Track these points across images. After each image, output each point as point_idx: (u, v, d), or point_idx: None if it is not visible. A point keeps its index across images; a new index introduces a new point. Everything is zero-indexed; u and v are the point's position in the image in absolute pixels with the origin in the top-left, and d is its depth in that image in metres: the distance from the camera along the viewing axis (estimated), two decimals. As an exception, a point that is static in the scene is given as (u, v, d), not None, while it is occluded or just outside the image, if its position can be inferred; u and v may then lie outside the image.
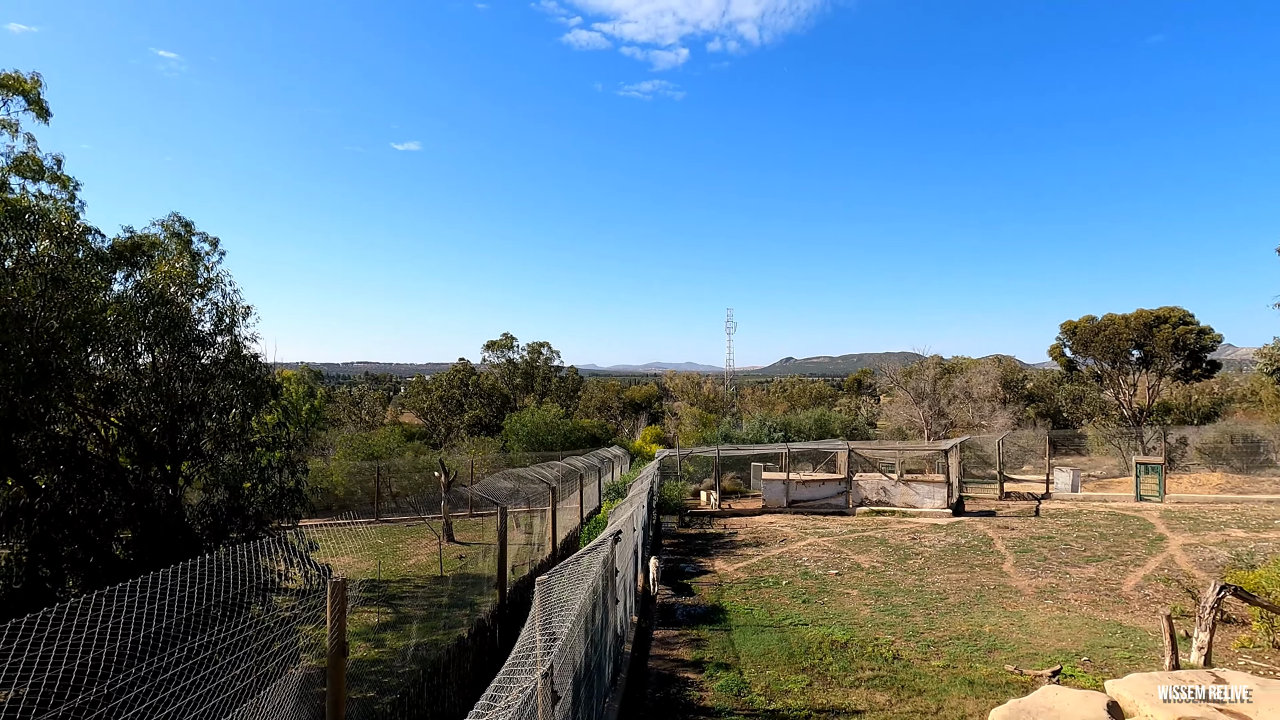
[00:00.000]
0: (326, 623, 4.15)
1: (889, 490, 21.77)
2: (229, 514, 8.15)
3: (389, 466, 26.12)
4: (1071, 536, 16.87)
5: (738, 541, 17.66)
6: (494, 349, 48.50)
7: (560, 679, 4.49)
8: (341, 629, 4.25)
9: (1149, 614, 10.98)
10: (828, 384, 64.39)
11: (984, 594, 12.38)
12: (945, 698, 8.02)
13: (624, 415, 52.26)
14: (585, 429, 34.76)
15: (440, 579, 14.56)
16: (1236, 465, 28.00)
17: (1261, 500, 21.37)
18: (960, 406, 36.23)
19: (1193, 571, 13.30)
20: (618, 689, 8.02)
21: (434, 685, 6.46)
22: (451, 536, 18.58)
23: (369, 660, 9.74)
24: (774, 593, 12.81)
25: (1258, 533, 16.49)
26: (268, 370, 9.02)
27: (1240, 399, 38.90)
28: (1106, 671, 8.59)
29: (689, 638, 10.43)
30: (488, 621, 8.17)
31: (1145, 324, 30.74)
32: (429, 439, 40.01)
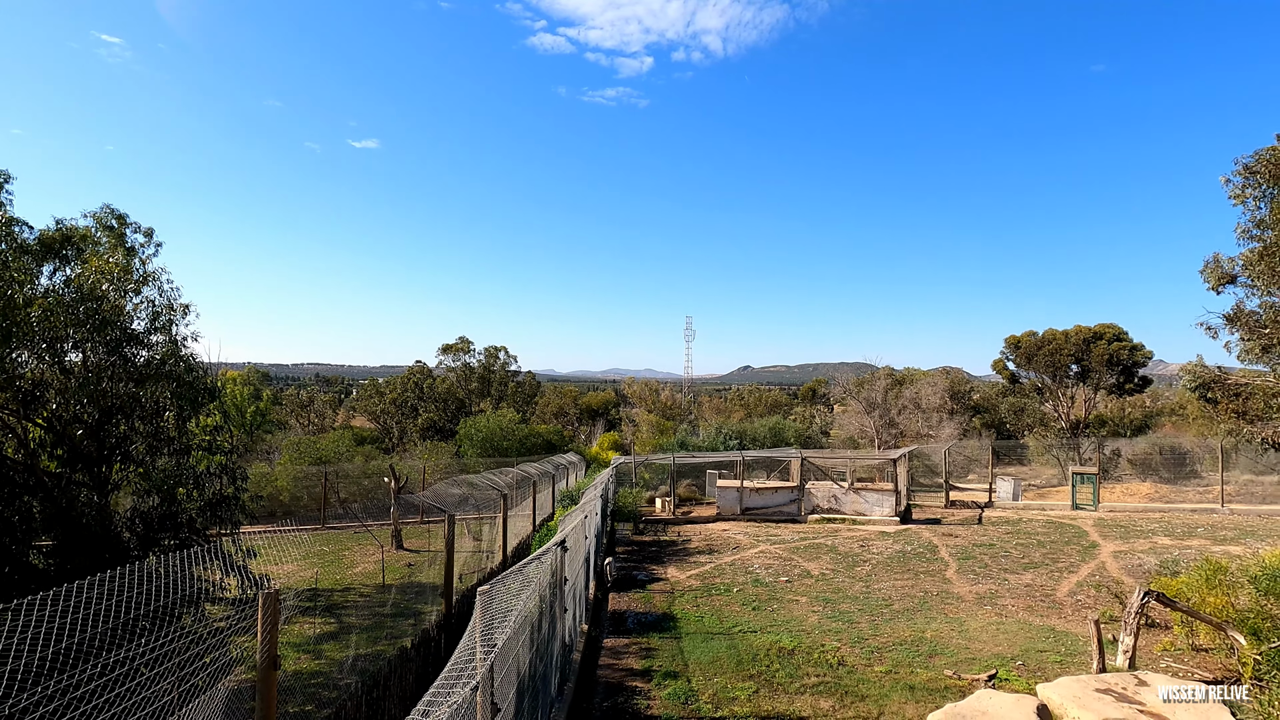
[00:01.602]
0: (257, 635, 4.02)
1: (840, 498, 22.18)
2: (161, 521, 7.82)
3: (337, 471, 25.44)
4: (1011, 544, 17.45)
5: (691, 549, 17.74)
6: (450, 352, 47.78)
7: (501, 690, 4.44)
8: (273, 641, 4.12)
9: (1080, 619, 11.43)
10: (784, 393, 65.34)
11: (927, 600, 12.71)
12: (887, 703, 8.19)
13: (581, 421, 52.05)
14: (541, 435, 34.48)
15: (385, 588, 14.22)
16: (1165, 476, 29.41)
17: (1186, 509, 22.48)
18: (910, 416, 37.20)
19: (1122, 578, 13.90)
20: (564, 699, 7.96)
21: (373, 698, 6.31)
22: (400, 544, 18.19)
23: (307, 672, 9.44)
24: (725, 600, 12.90)
25: (1182, 540, 17.33)
26: (206, 371, 8.69)
27: (1169, 413, 40.88)
28: (1039, 675, 8.89)
29: (639, 646, 10.42)
30: (433, 631, 8.01)
31: (1084, 340, 32.12)
32: (381, 443, 39.13)
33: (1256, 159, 8.64)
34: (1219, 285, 10.19)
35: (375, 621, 11.79)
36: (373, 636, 11.00)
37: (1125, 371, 31.54)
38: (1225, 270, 9.90)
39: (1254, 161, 8.65)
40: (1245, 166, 8.77)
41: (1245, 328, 9.35)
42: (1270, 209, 8.57)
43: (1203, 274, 9.98)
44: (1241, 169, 8.84)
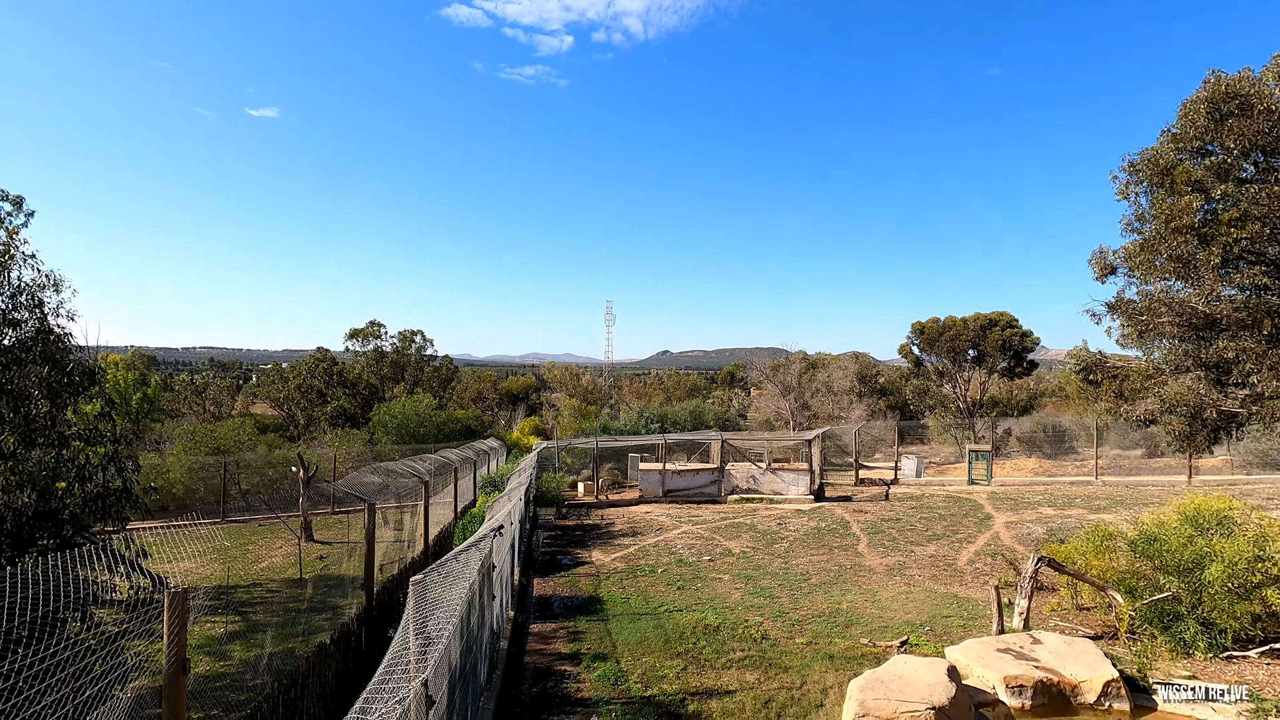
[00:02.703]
0: (164, 638, 3.68)
1: (758, 479, 22.85)
2: (36, 519, 7.05)
3: (238, 461, 23.89)
4: (916, 518, 18.53)
5: (615, 532, 17.82)
6: (359, 337, 45.70)
7: (435, 682, 4.28)
8: (181, 645, 3.79)
9: (979, 585, 12.29)
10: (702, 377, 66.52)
11: (842, 573, 13.30)
12: (809, 672, 8.52)
13: (501, 407, 51.16)
14: (460, 420, 33.64)
15: (298, 582, 13.51)
16: (1047, 452, 32.03)
17: (1066, 482, 24.58)
18: (822, 399, 38.74)
19: (1014, 546, 15.03)
20: (494, 687, 7.83)
21: (290, 698, 5.97)
22: (311, 536, 17.31)
23: (212, 675, 8.84)
24: (650, 581, 13.04)
25: (1063, 510, 18.93)
26: (82, 352, 7.86)
27: (1050, 394, 44.53)
28: (945, 639, 9.49)
29: (567, 630, 10.38)
30: (353, 625, 7.67)
31: (981, 326, 34.36)
32: (285, 432, 37.04)
33: (1141, 157, 9.46)
34: (1103, 275, 11.08)
35: (287, 618, 11.17)
36: (286, 634, 10.42)
37: (1016, 356, 34.03)
38: (1109, 261, 10.78)
39: (1139, 160, 9.46)
40: (1131, 164, 9.58)
41: (1125, 314, 10.24)
42: (1151, 203, 9.41)
43: (1090, 263, 10.84)
44: (1127, 166, 9.66)
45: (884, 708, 6.55)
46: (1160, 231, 8.93)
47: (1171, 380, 10.24)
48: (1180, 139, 9.14)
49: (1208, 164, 9.20)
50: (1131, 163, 9.55)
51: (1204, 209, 8.94)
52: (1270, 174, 9.03)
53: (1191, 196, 8.73)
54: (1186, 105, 9.21)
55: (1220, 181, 8.81)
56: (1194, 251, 8.85)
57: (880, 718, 6.49)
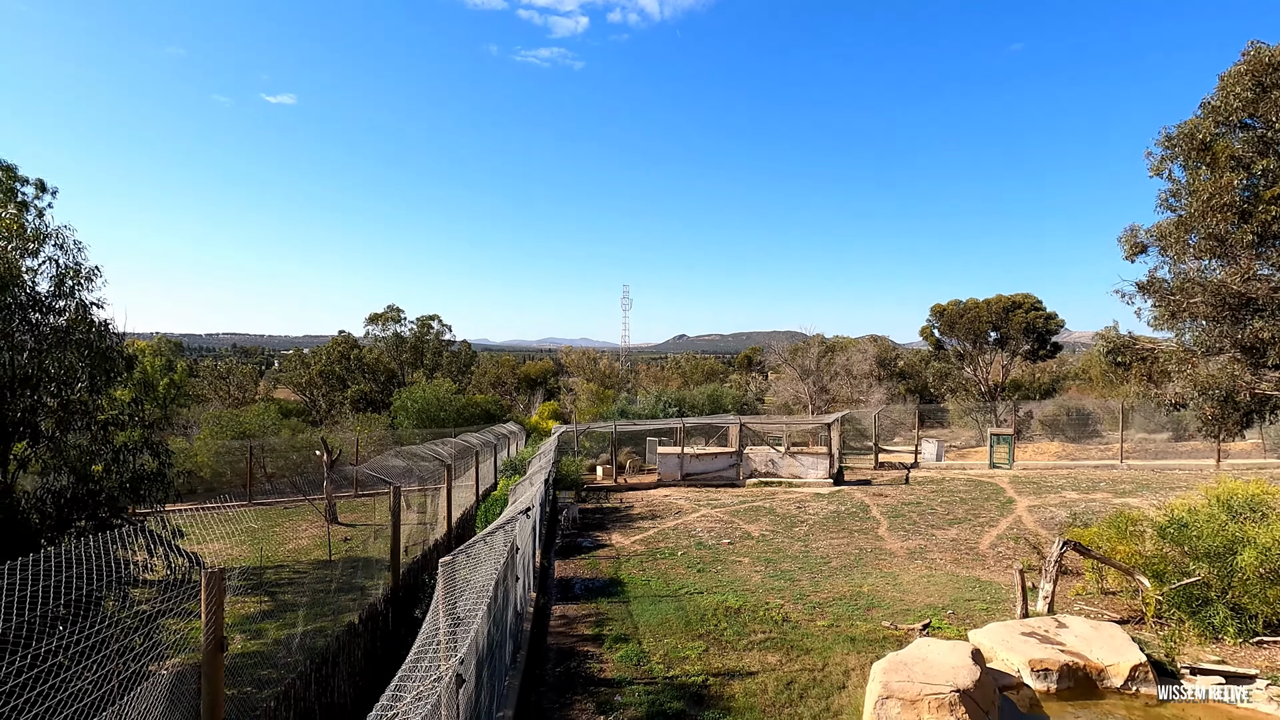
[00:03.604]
0: (202, 616, 3.77)
1: (776, 462, 22.81)
2: (74, 501, 7.23)
3: (263, 445, 24.32)
4: (936, 502, 18.41)
5: (634, 515, 17.91)
6: (378, 322, 46.09)
7: (466, 663, 4.35)
8: (218, 623, 3.88)
9: (1002, 569, 12.20)
10: (720, 361, 66.35)
11: (862, 557, 13.28)
12: (830, 655, 8.54)
13: (519, 391, 51.47)
14: (479, 405, 33.90)
15: (325, 563, 13.77)
16: (1070, 435, 31.60)
17: (1089, 465, 24.27)
18: (841, 383, 38.50)
19: (1037, 530, 14.89)
20: (518, 666, 7.94)
21: (321, 675, 6.10)
22: (336, 518, 17.61)
23: (246, 653, 9.06)
24: (670, 563, 13.11)
25: (1087, 494, 18.71)
26: (120, 339, 8.00)
27: (1073, 377, 43.87)
28: (968, 622, 9.45)
29: (588, 611, 10.48)
30: (380, 605, 7.80)
31: (1003, 308, 33.85)
32: (308, 416, 37.60)
33: (1178, 131, 9.19)
34: (1133, 254, 10.84)
35: (316, 598, 11.40)
36: (315, 613, 10.65)
37: (1040, 338, 33.51)
38: (1140, 240, 10.53)
39: (1175, 134, 9.19)
40: (1167, 138, 9.31)
41: (1156, 294, 10.01)
42: (1187, 179, 9.15)
43: (1120, 242, 10.59)
44: (1163, 140, 9.38)
45: (908, 690, 6.54)
46: (1198, 209, 8.69)
47: (1203, 363, 10.02)
48: (1220, 112, 8.84)
49: (1246, 138, 8.92)
50: (1169, 136, 9.28)
51: (1245, 185, 8.69)
52: (1313, 148, 8.74)
53: (1235, 173, 8.47)
54: (1226, 78, 8.90)
55: (1261, 156, 8.54)
56: (1231, 230, 8.61)
57: (904, 699, 6.49)
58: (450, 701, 3.89)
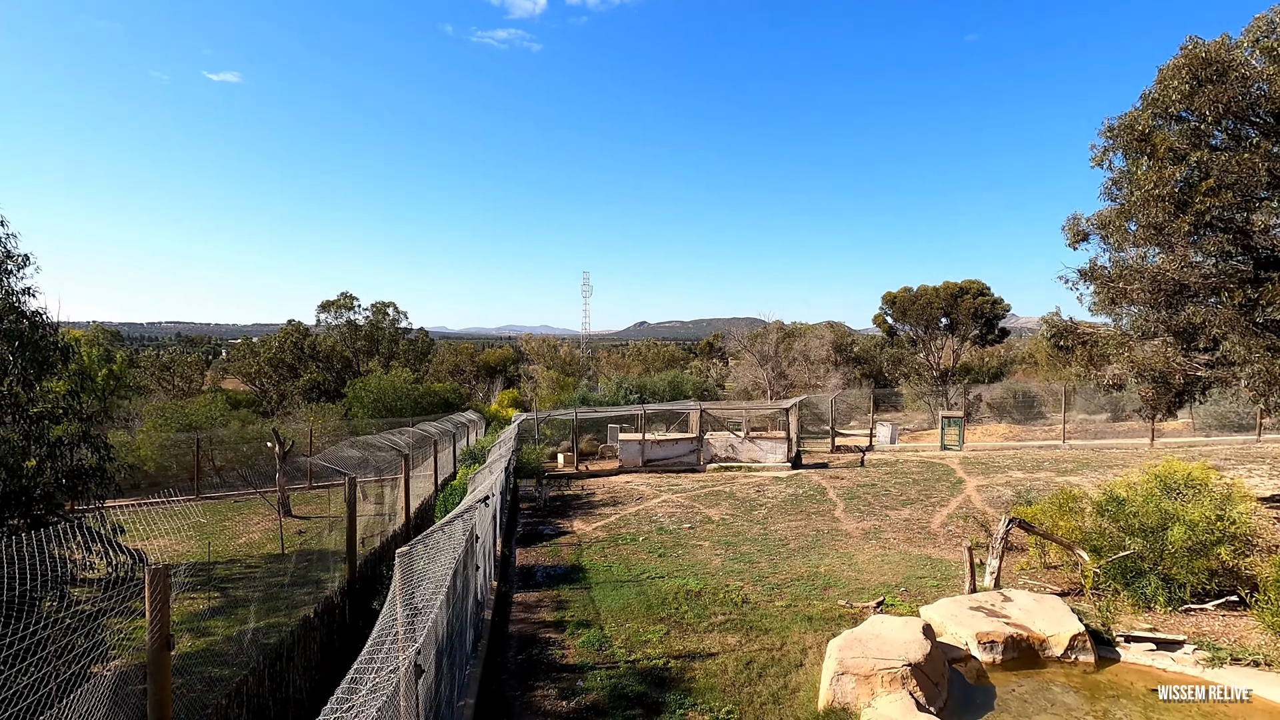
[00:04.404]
0: (146, 614, 3.63)
1: (736, 447, 23.10)
2: (5, 498, 6.88)
3: (211, 438, 23.51)
4: (890, 483, 18.92)
5: (595, 502, 17.95)
6: (331, 309, 44.90)
7: (424, 652, 4.30)
8: (164, 620, 3.74)
9: (952, 547, 12.63)
10: (680, 347, 66.69)
11: (819, 538, 13.58)
12: (789, 634, 8.73)
13: (478, 379, 50.87)
14: (437, 394, 33.39)
15: (278, 557, 13.43)
16: (1017, 417, 32.77)
17: (1034, 446, 25.23)
18: (799, 368, 39.11)
19: (985, 509, 15.44)
20: (479, 655, 7.90)
21: (275, 671, 5.96)
22: (289, 511, 17.18)
23: (195, 651, 8.80)
24: (631, 549, 13.19)
25: (1032, 473, 19.47)
26: (54, 329, 7.60)
27: (1020, 360, 45.45)
28: (920, 599, 9.77)
29: (550, 598, 10.48)
30: (336, 598, 7.66)
31: (952, 295, 34.80)
32: (258, 407, 36.49)
33: (1119, 123, 9.54)
34: (1075, 242, 11.24)
35: (269, 593, 11.12)
36: (268, 608, 10.38)
37: (988, 324, 34.59)
38: (1082, 229, 10.92)
39: (1117, 125, 9.54)
40: (1110, 129, 9.66)
41: (1097, 281, 10.42)
42: (1128, 170, 9.52)
43: (1063, 230, 10.97)
44: (1105, 131, 9.73)
45: (862, 665, 6.74)
46: (1138, 198, 9.06)
47: (1140, 346, 10.49)
48: (1158, 104, 9.22)
49: (1182, 130, 9.32)
50: (1110, 127, 9.64)
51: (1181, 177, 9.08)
52: (1241, 141, 9.18)
53: (1174, 166, 8.85)
54: (1164, 71, 9.27)
55: (1195, 148, 8.94)
56: (1169, 219, 9.01)
57: (859, 675, 6.68)
58: (409, 692, 3.85)
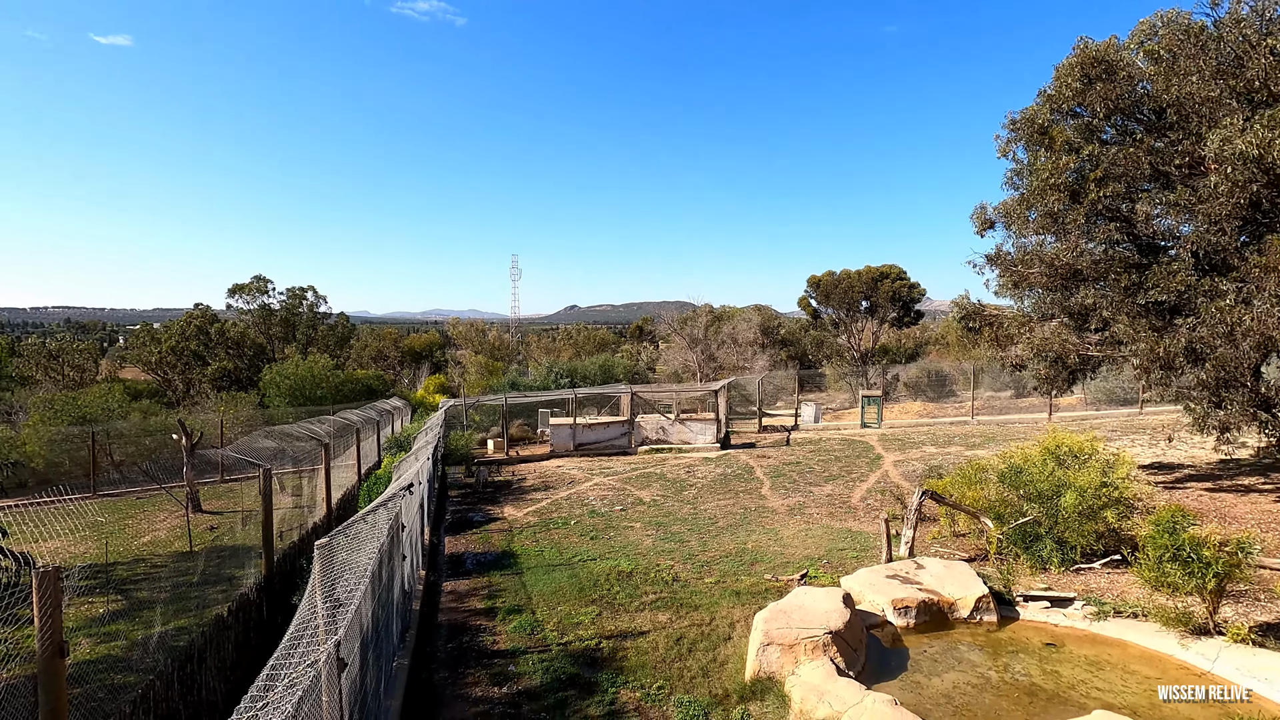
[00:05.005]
0: (35, 621, 3.37)
1: (667, 429, 23.39)
2: None
3: (108, 431, 21.91)
4: (814, 461, 19.63)
5: (526, 487, 17.82)
6: (243, 293, 42.53)
7: (347, 645, 4.18)
8: (57, 626, 3.49)
9: (871, 519, 13.25)
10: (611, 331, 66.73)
11: (747, 516, 13.96)
12: (717, 609, 8.97)
13: (404, 365, 49.36)
14: (360, 380, 32.25)
15: (187, 555, 12.70)
16: (931, 395, 34.53)
17: (946, 422, 26.70)
18: (728, 351, 39.86)
19: (900, 482, 16.26)
20: (407, 646, 7.75)
21: (186, 674, 5.67)
22: (199, 506, 16.26)
23: (95, 658, 8.24)
24: (563, 533, 13.20)
25: (944, 448, 20.61)
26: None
27: (934, 342, 47.86)
28: (841, 570, 10.22)
29: (481, 585, 10.37)
30: (252, 595, 7.33)
31: (872, 279, 36.19)
32: (162, 397, 34.26)
33: (1021, 117, 10.14)
34: (983, 229, 11.88)
35: (177, 593, 10.51)
36: (177, 609, 9.82)
37: (905, 307, 36.19)
38: (988, 217, 11.56)
39: (1019, 119, 10.13)
40: (1012, 122, 10.26)
41: (1001, 266, 11.07)
42: (1029, 161, 10.12)
43: (971, 218, 11.59)
44: (1009, 124, 10.33)
45: (786, 635, 7.01)
46: (1036, 188, 9.67)
47: (1040, 327, 11.24)
48: (1055, 100, 9.85)
49: (1076, 125, 9.99)
50: (1013, 121, 10.24)
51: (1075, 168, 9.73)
52: (1128, 136, 9.92)
53: (1068, 156, 9.47)
54: (1060, 69, 9.89)
55: (1087, 142, 9.60)
56: (1064, 208, 9.66)
57: (783, 645, 6.94)
58: (332, 686, 3.74)
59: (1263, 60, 8.16)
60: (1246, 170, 7.50)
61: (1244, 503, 12.58)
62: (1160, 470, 15.64)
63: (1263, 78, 8.25)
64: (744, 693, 6.77)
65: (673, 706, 6.64)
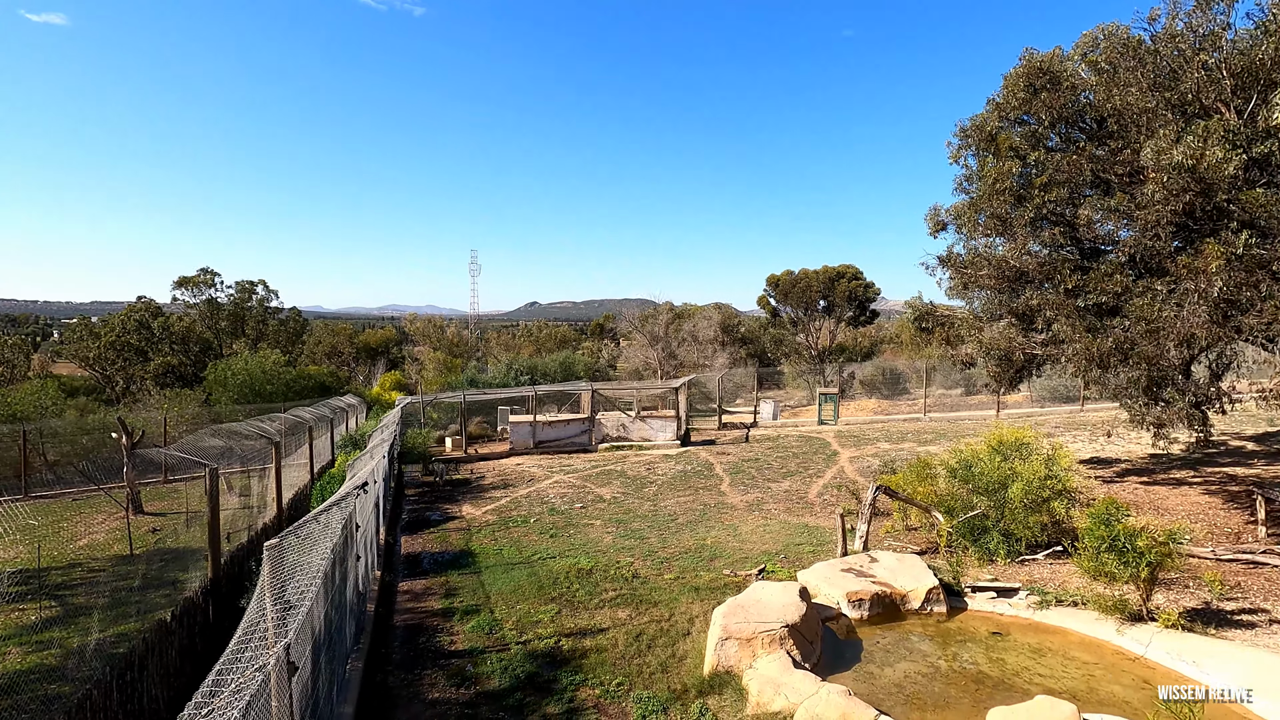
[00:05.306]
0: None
1: (628, 426, 23.42)
2: None
3: (41, 429, 20.88)
4: (772, 457, 19.91)
5: (485, 485, 17.64)
6: (189, 286, 41.01)
7: (298, 648, 4.08)
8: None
9: (827, 514, 13.50)
10: (572, 328, 66.40)
11: (706, 512, 14.09)
12: (677, 605, 9.03)
13: (359, 361, 48.26)
14: (313, 377, 31.41)
15: (128, 558, 12.19)
16: (885, 393, 35.36)
17: (900, 419, 27.39)
18: (688, 348, 40.10)
19: (856, 478, 16.61)
20: (362, 648, 7.60)
21: (126, 681, 5.44)
22: (140, 508, 15.62)
23: (27, 669, 7.85)
24: (523, 531, 13.10)
25: (897, 444, 21.13)
26: None
27: (889, 340, 49.01)
28: (798, 564, 10.39)
29: (438, 585, 10.23)
30: (198, 598, 7.07)
31: (829, 278, 36.86)
32: (100, 394, 32.84)
33: (971, 124, 10.47)
34: (935, 231, 12.22)
35: (117, 598, 10.07)
36: (116, 615, 9.41)
37: (861, 306, 36.97)
38: (941, 219, 11.89)
39: (969, 126, 10.46)
40: (962, 129, 10.58)
41: (953, 267, 11.40)
42: (978, 166, 10.46)
43: (925, 220, 11.90)
44: (959, 131, 10.65)
45: (744, 629, 7.10)
46: (984, 192, 10.00)
47: (988, 327, 11.62)
48: (1002, 108, 10.20)
49: (1023, 132, 10.36)
50: (963, 128, 10.57)
51: (1021, 173, 10.09)
52: (1071, 143, 10.32)
53: (1013, 162, 9.81)
54: (1007, 78, 10.24)
55: (1033, 149, 9.96)
56: (1010, 212, 10.01)
57: (741, 639, 7.04)
58: (281, 690, 3.65)
59: (1195, 75, 8.58)
60: (1180, 179, 7.89)
61: (1175, 495, 13.24)
62: (1099, 465, 16.34)
63: (1195, 91, 8.68)
64: (702, 687, 6.83)
65: (632, 703, 6.66)
